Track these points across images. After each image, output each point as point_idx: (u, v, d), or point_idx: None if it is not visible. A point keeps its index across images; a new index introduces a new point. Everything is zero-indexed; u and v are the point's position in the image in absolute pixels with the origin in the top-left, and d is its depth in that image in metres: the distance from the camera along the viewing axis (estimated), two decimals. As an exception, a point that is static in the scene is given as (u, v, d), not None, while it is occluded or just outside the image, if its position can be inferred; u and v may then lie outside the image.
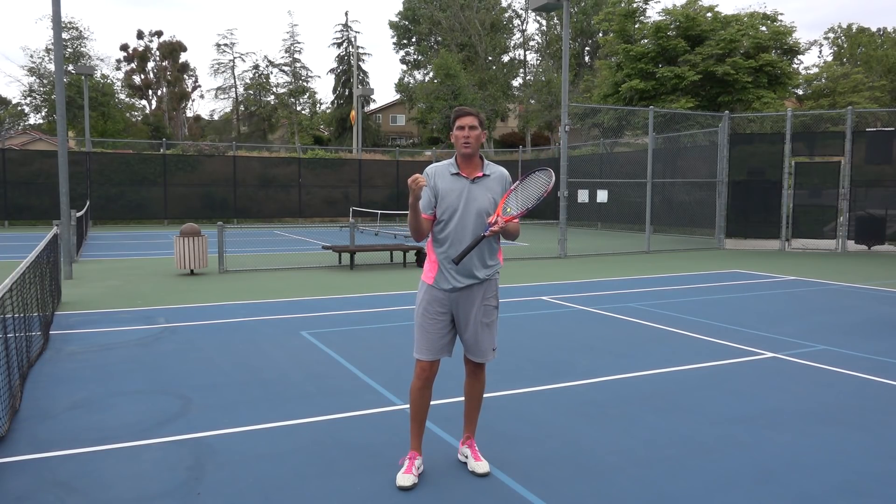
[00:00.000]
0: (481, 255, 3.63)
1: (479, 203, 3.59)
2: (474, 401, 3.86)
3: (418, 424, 3.73)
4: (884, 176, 17.30)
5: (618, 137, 30.00)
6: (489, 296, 3.70)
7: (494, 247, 3.71)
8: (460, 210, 3.58)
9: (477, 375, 3.82)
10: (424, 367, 3.67)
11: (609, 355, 6.38)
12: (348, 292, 10.14)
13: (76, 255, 14.20)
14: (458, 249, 3.55)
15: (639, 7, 31.38)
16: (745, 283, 11.47)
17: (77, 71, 31.75)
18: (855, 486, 3.59)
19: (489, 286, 3.70)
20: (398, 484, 3.55)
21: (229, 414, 4.68)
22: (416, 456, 3.70)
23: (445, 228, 3.61)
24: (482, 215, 3.58)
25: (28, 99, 45.74)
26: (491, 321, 3.72)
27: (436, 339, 3.65)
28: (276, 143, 49.05)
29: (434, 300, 3.66)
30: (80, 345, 6.70)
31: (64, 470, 3.76)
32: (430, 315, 3.65)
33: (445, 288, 3.63)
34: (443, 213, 3.61)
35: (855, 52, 54.43)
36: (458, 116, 3.61)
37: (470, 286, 3.64)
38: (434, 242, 3.68)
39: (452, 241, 3.59)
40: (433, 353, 3.66)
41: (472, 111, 3.62)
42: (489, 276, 3.69)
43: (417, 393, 3.69)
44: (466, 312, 3.66)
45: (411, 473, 3.60)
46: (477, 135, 3.58)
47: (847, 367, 5.98)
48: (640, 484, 3.61)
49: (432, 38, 51.35)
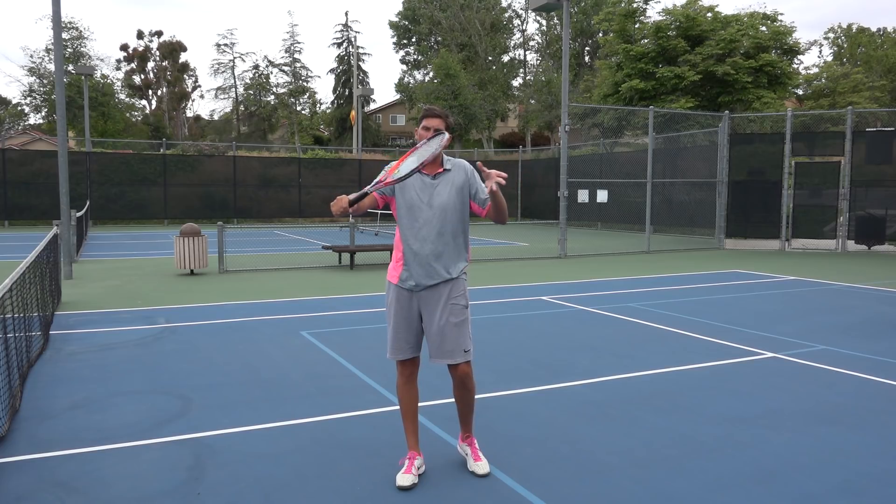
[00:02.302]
0: (449, 251, 3.60)
1: (441, 198, 3.57)
2: (464, 406, 3.80)
3: (410, 422, 3.73)
4: (884, 176, 17.30)
5: (618, 137, 30.00)
6: (456, 295, 3.61)
7: (461, 245, 3.67)
8: (423, 206, 3.56)
9: (463, 382, 3.69)
10: (404, 367, 3.70)
11: (609, 355, 6.38)
12: (348, 292, 10.14)
13: (76, 255, 14.20)
14: (423, 245, 3.54)
15: (639, 7, 31.38)
16: (745, 283, 11.47)
17: (77, 71, 31.74)
18: (855, 485, 3.59)
19: (455, 285, 3.62)
20: (398, 484, 3.55)
21: (229, 414, 4.68)
22: (415, 456, 3.70)
23: (410, 225, 3.58)
24: (446, 210, 3.57)
25: (28, 99, 45.80)
26: (460, 321, 3.61)
27: (406, 339, 3.65)
28: (276, 143, 49.05)
29: (400, 299, 3.65)
30: (80, 345, 6.69)
31: (64, 470, 3.76)
32: (397, 314, 3.65)
33: (410, 286, 3.61)
34: (405, 210, 3.59)
35: (855, 52, 54.42)
36: (424, 116, 3.59)
37: (435, 285, 3.59)
38: (399, 239, 3.65)
39: (417, 236, 3.56)
40: (402, 351, 3.66)
41: (440, 113, 3.58)
42: (454, 275, 3.62)
43: (401, 389, 3.73)
44: (431, 312, 3.61)
45: (411, 473, 3.59)
46: None
47: (847, 367, 5.98)
48: (640, 484, 3.61)
49: (432, 38, 51.34)
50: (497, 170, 3.47)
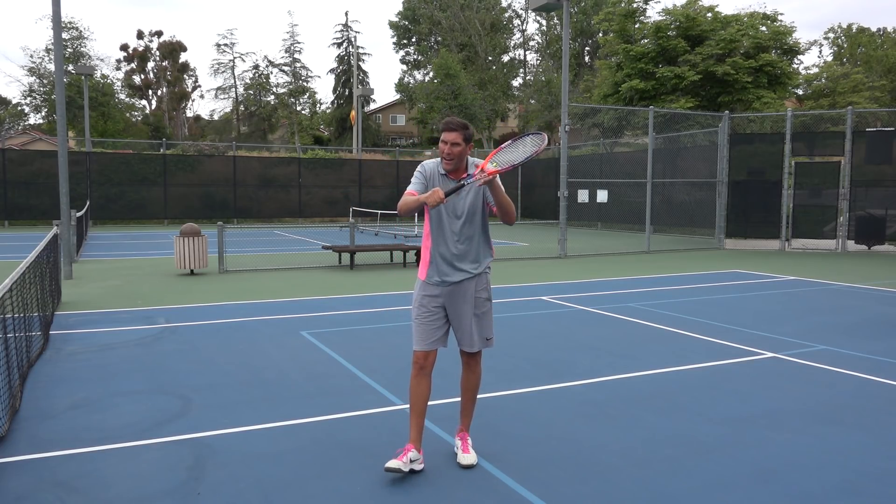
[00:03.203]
0: (474, 250, 3.81)
1: (466, 203, 3.78)
2: (469, 392, 3.98)
3: (417, 416, 3.79)
4: (884, 176, 17.30)
5: (618, 137, 30.01)
6: (480, 288, 3.85)
7: (485, 243, 3.88)
8: (450, 210, 3.77)
9: (472, 367, 3.94)
10: (419, 357, 3.81)
11: (609, 355, 6.38)
12: (348, 292, 10.14)
13: (76, 255, 14.20)
14: (450, 247, 3.77)
15: (639, 7, 31.39)
16: (744, 283, 11.47)
17: (77, 71, 31.75)
18: (854, 485, 3.60)
19: (480, 280, 3.85)
20: (385, 465, 3.59)
21: (229, 414, 4.68)
22: (410, 448, 3.71)
23: (438, 227, 3.79)
24: (469, 213, 3.78)
25: (28, 99, 45.80)
26: (483, 312, 3.86)
27: (430, 331, 3.81)
28: (276, 143, 49.05)
29: (427, 294, 3.83)
30: (80, 345, 6.69)
31: (64, 470, 3.76)
32: (424, 308, 3.82)
33: (437, 282, 3.80)
34: (435, 213, 3.78)
35: (855, 52, 54.41)
36: (443, 130, 3.75)
37: (461, 281, 3.80)
38: (427, 239, 3.85)
39: (444, 238, 3.78)
40: (428, 343, 3.81)
41: (458, 126, 3.71)
42: (480, 270, 3.84)
43: (414, 381, 3.82)
44: (459, 306, 3.82)
45: (400, 461, 3.61)
46: (460, 151, 3.71)
47: (847, 367, 5.98)
48: (640, 484, 3.61)
49: (432, 38, 51.38)
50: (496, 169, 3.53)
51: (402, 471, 3.60)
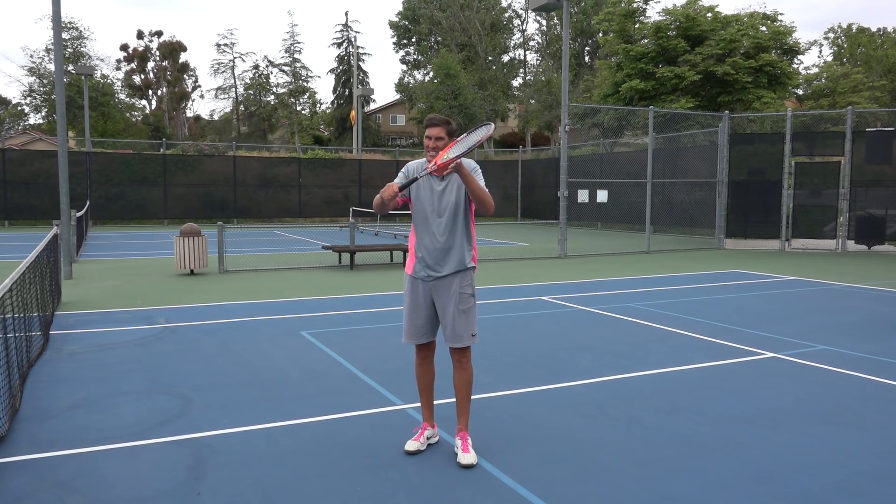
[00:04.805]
0: (458, 246, 3.91)
1: (449, 198, 3.88)
2: (462, 390, 4.04)
3: (425, 397, 4.11)
4: (884, 176, 17.29)
5: (618, 137, 30.00)
6: (464, 284, 3.95)
7: (468, 239, 3.98)
8: (434, 206, 3.89)
9: (462, 364, 4.00)
10: (417, 348, 4.08)
11: (609, 355, 6.38)
12: (348, 292, 10.14)
13: (76, 255, 14.20)
14: (434, 241, 3.88)
15: (639, 7, 31.38)
16: (744, 283, 11.47)
17: (77, 71, 31.74)
18: (855, 485, 3.60)
19: (464, 276, 3.95)
20: (405, 448, 3.95)
21: (229, 414, 4.68)
22: (426, 427, 4.07)
23: (422, 222, 3.92)
24: (452, 208, 3.88)
25: (28, 99, 45.71)
26: (467, 308, 3.94)
27: (416, 325, 4.00)
28: (276, 143, 49.04)
29: (414, 288, 4.00)
30: (80, 345, 6.69)
31: (64, 470, 3.76)
32: (411, 302, 4.01)
33: (422, 277, 3.95)
34: (419, 209, 3.92)
35: (855, 52, 54.40)
36: (426, 126, 3.84)
37: (444, 276, 3.92)
38: (413, 235, 4.00)
39: (428, 233, 3.90)
40: (415, 336, 4.02)
41: (441, 121, 3.82)
42: (464, 266, 3.94)
43: (417, 369, 4.13)
44: (444, 300, 3.94)
45: (419, 441, 3.98)
46: (444, 145, 3.77)
47: (847, 367, 5.98)
48: (640, 484, 3.61)
49: (432, 38, 51.34)
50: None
51: (421, 450, 3.95)
